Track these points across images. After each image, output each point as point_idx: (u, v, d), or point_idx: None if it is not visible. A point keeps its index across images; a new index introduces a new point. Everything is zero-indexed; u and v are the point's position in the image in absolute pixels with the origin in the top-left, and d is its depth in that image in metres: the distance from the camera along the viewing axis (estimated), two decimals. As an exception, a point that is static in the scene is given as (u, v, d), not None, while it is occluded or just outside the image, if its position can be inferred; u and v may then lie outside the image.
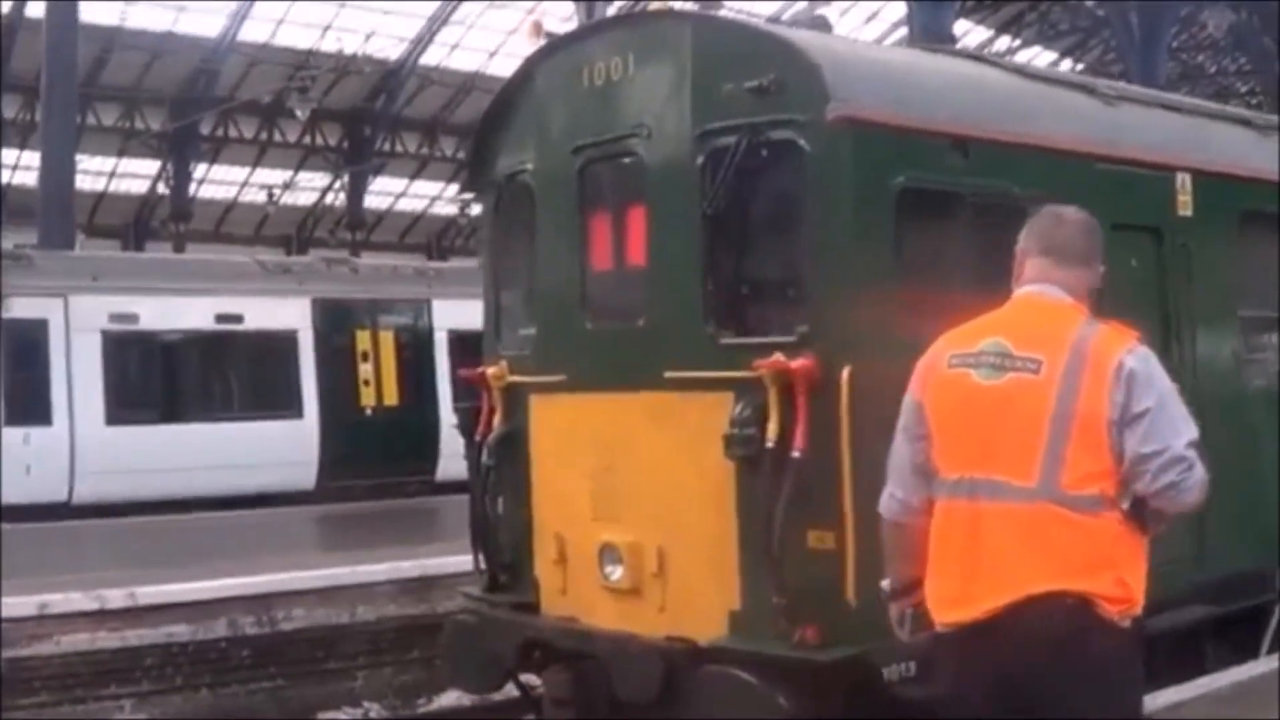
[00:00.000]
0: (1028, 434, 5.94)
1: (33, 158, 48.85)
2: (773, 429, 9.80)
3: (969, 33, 52.80)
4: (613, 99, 11.32)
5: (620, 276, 11.54)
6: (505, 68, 57.63)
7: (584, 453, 11.37)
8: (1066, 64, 62.54)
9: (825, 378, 9.69)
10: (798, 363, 9.74)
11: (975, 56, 13.22)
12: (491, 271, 13.02)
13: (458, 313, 31.69)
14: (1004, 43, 59.71)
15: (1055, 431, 5.89)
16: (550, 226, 11.98)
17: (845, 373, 9.59)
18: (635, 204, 11.22)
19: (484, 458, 12.27)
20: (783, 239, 10.70)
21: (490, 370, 12.27)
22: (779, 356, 9.79)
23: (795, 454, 9.69)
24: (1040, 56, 59.57)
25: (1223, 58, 66.68)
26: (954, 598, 6.08)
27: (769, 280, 10.94)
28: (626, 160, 11.26)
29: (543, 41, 12.25)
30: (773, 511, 9.73)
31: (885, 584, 6.81)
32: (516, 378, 12.14)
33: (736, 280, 10.88)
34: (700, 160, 10.54)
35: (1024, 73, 12.99)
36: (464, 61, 60.11)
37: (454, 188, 68.32)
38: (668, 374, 10.57)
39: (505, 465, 12.13)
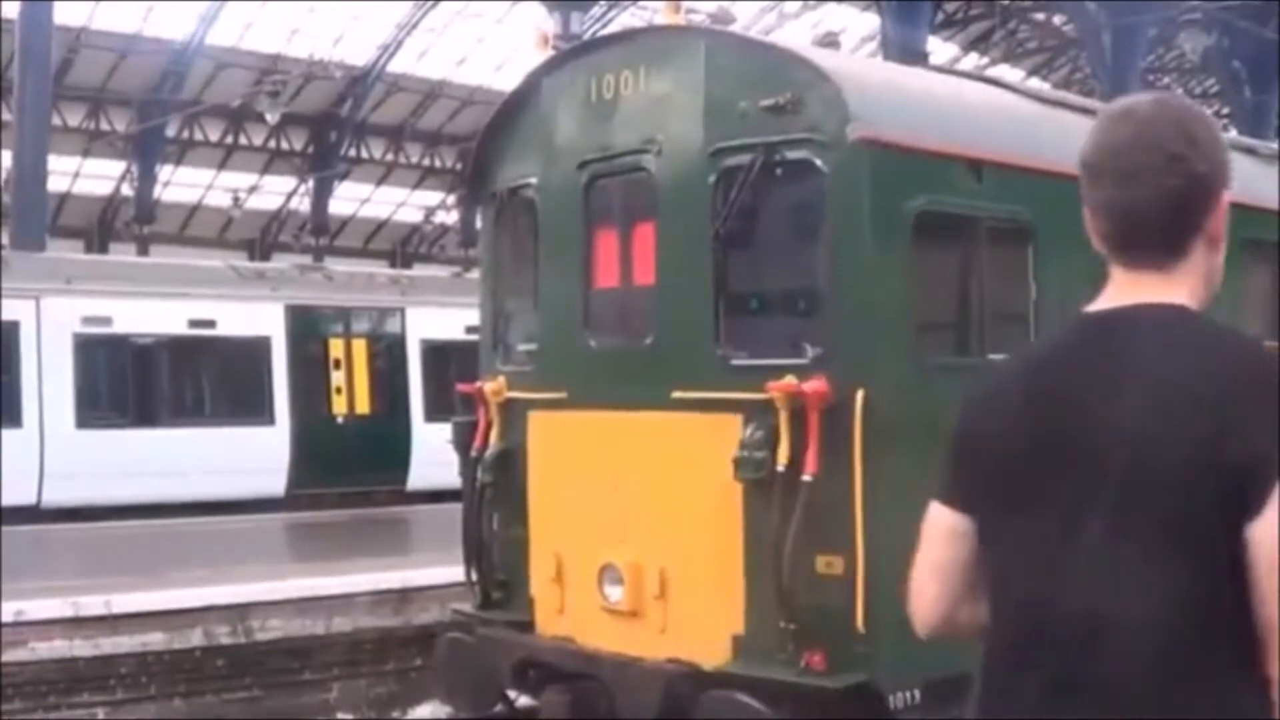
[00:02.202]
0: None
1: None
2: (784, 452, 9.71)
3: (937, 51, 52.72)
4: (622, 113, 11.19)
5: (626, 294, 11.43)
6: (472, 76, 57.76)
7: (585, 471, 11.25)
8: (1034, 83, 62.66)
9: (838, 401, 9.59)
10: (810, 385, 9.64)
11: (986, 79, 13.16)
12: (490, 285, 12.88)
13: (432, 322, 31.70)
14: (972, 60, 59.72)
15: None
16: (553, 241, 11.85)
17: (859, 396, 9.50)
18: (644, 221, 11.10)
19: (479, 474, 12.12)
20: (797, 259, 10.60)
21: (488, 385, 12.12)
22: (791, 379, 9.69)
23: (806, 478, 9.60)
24: (1007, 75, 59.61)
25: (1189, 80, 66.91)
26: None
27: (782, 301, 10.86)
28: (636, 176, 11.13)
29: (550, 53, 12.06)
30: (782, 535, 9.63)
31: None
32: (515, 394, 12.00)
33: (748, 300, 10.80)
34: (713, 178, 10.43)
35: (1037, 96, 12.95)
36: (431, 69, 59.91)
37: (419, 194, 68.26)
38: (676, 394, 10.44)
39: (501, 481, 11.99)
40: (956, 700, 10.18)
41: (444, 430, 13.43)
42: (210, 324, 29.70)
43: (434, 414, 29.99)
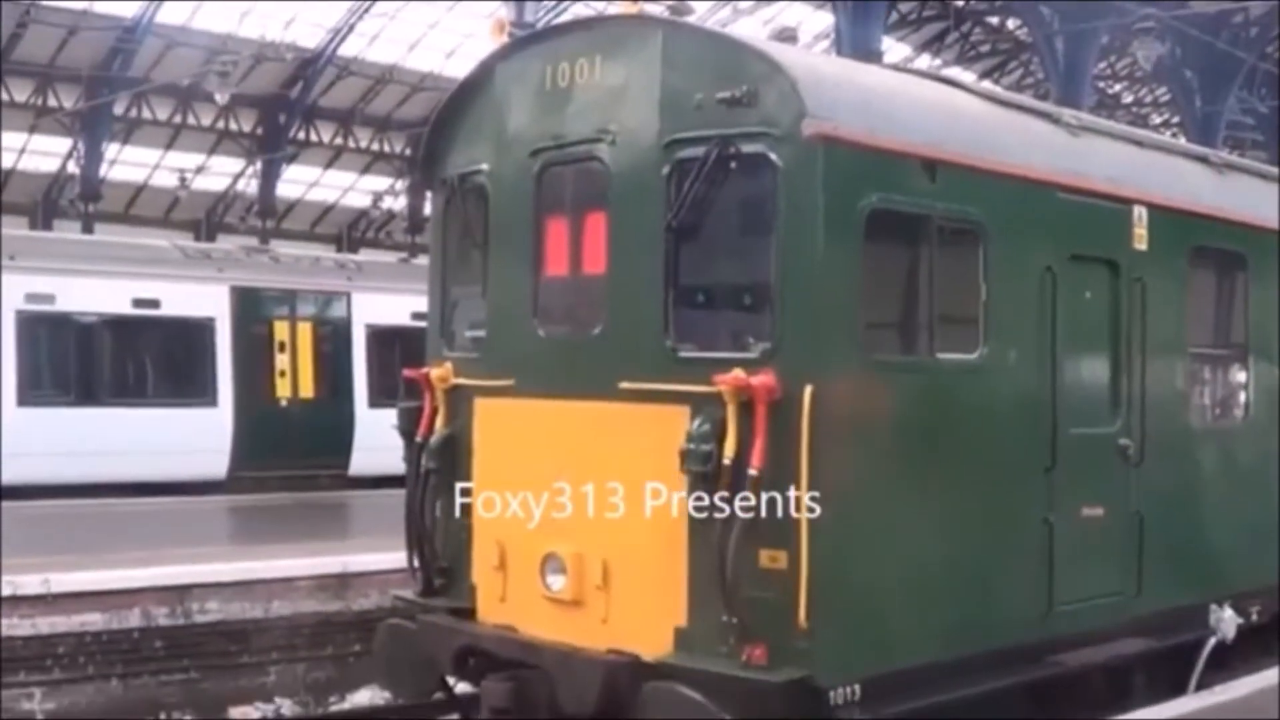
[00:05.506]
0: None
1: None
2: (730, 445, 9.69)
3: (890, 50, 52.80)
4: (577, 102, 11.13)
5: (576, 283, 11.36)
6: (423, 62, 57.57)
7: (529, 460, 11.21)
8: (987, 85, 62.75)
9: (786, 396, 9.58)
10: (759, 379, 9.63)
11: (941, 79, 13.14)
12: (439, 272, 12.79)
13: (378, 307, 31.60)
14: (924, 61, 59.82)
15: None
16: (504, 229, 11.77)
17: (807, 391, 9.48)
18: (596, 210, 11.02)
19: (424, 460, 12.06)
20: (748, 253, 10.55)
21: (434, 371, 12.07)
22: (739, 372, 9.68)
23: (752, 471, 9.58)
24: (959, 77, 59.44)
25: (1139, 88, 67.22)
26: None
27: (732, 294, 10.78)
28: (589, 165, 11.06)
29: (505, 39, 11.97)
30: (726, 529, 9.61)
31: None
32: (461, 380, 11.95)
33: (699, 293, 10.75)
34: (666, 169, 10.39)
35: (992, 98, 12.93)
36: (382, 53, 59.67)
37: (367, 179, 68.02)
38: (623, 384, 10.42)
39: (445, 468, 11.94)
40: (897, 697, 10.29)
41: (388, 415, 13.36)
42: (155, 304, 29.56)
43: (378, 399, 30.03)
